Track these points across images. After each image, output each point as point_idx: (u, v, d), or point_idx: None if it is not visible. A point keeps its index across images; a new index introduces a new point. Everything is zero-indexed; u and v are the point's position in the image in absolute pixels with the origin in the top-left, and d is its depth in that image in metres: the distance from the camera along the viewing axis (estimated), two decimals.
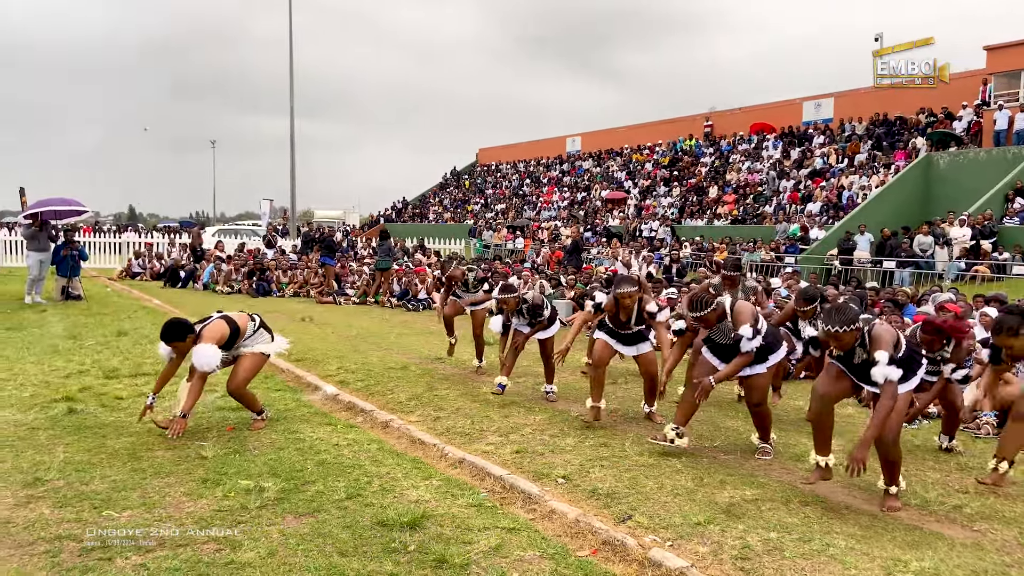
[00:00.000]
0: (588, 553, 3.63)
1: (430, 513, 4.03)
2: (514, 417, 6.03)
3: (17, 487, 4.32)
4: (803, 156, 27.04)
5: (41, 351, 8.59)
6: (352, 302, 16.23)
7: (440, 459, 5.06)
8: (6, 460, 4.78)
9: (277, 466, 4.76)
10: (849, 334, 4.08)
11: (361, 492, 4.34)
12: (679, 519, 3.94)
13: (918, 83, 23.30)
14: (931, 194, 21.09)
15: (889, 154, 23.94)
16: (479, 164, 49.22)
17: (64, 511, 3.99)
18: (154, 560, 3.43)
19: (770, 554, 3.52)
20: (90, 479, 4.47)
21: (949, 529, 3.94)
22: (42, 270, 13.90)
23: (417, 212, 45.13)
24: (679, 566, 3.36)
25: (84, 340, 9.46)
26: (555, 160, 42.16)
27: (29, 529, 3.76)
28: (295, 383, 7.41)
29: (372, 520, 3.93)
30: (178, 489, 4.34)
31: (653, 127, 37.80)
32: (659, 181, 32.33)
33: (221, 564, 3.40)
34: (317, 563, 3.42)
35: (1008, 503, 4.34)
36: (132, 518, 3.92)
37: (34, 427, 5.53)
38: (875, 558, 3.50)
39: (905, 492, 4.45)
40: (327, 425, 5.83)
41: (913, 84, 23.40)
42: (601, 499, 4.25)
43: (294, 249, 23.38)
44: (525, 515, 4.10)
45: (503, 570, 3.42)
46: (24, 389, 6.70)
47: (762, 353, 5.04)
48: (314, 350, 9.06)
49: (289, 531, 3.78)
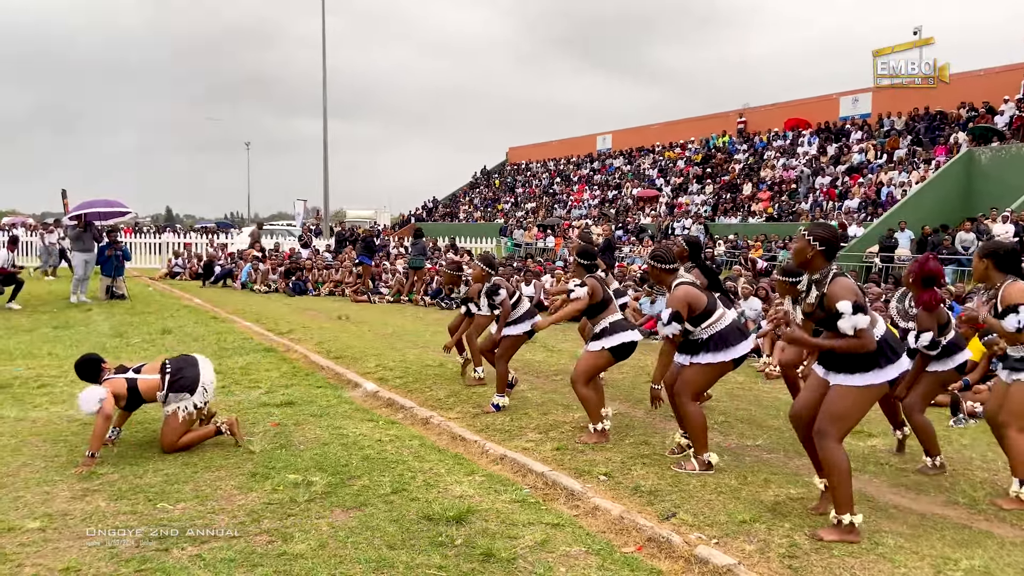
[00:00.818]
0: (633, 549, 3.65)
1: (475, 508, 4.08)
2: (553, 415, 6.06)
3: (73, 480, 4.46)
4: (840, 152, 26.66)
5: (89, 349, 8.78)
6: (386, 300, 16.38)
7: (481, 455, 5.10)
8: (61, 455, 4.93)
9: (323, 461, 4.85)
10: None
11: (406, 487, 4.40)
12: (724, 517, 3.93)
13: (918, 83, 23.28)
14: (972, 190, 20.66)
15: (929, 149, 23.49)
16: (509, 163, 49.27)
17: (119, 504, 4.11)
18: (209, 551, 3.52)
19: (818, 552, 3.51)
20: (143, 472, 4.59)
21: (998, 528, 3.88)
22: (87, 270, 14.24)
23: (448, 211, 45.31)
24: (726, 563, 3.36)
25: (130, 338, 9.69)
26: (585, 158, 42.05)
27: (86, 521, 3.87)
28: (335, 380, 7.52)
29: (418, 514, 3.99)
30: (229, 483, 4.44)
31: (685, 124, 37.52)
32: (692, 179, 32.09)
33: (274, 555, 3.48)
34: (367, 555, 3.48)
35: None
36: (186, 510, 4.02)
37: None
38: (924, 556, 3.47)
39: (953, 491, 4.40)
40: (369, 421, 5.91)
41: (913, 84, 23.34)
42: (644, 496, 4.26)
43: (328, 249, 23.64)
44: (569, 511, 4.13)
45: (550, 565, 3.45)
46: (75, 386, 6.85)
47: (692, 347, 4.72)
48: (352, 348, 9.17)
49: (338, 524, 3.85)
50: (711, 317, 4.67)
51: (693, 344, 4.71)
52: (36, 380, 7.03)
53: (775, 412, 6.35)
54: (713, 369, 4.70)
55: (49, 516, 3.91)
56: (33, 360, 7.99)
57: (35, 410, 6.03)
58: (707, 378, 4.78)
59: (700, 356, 4.67)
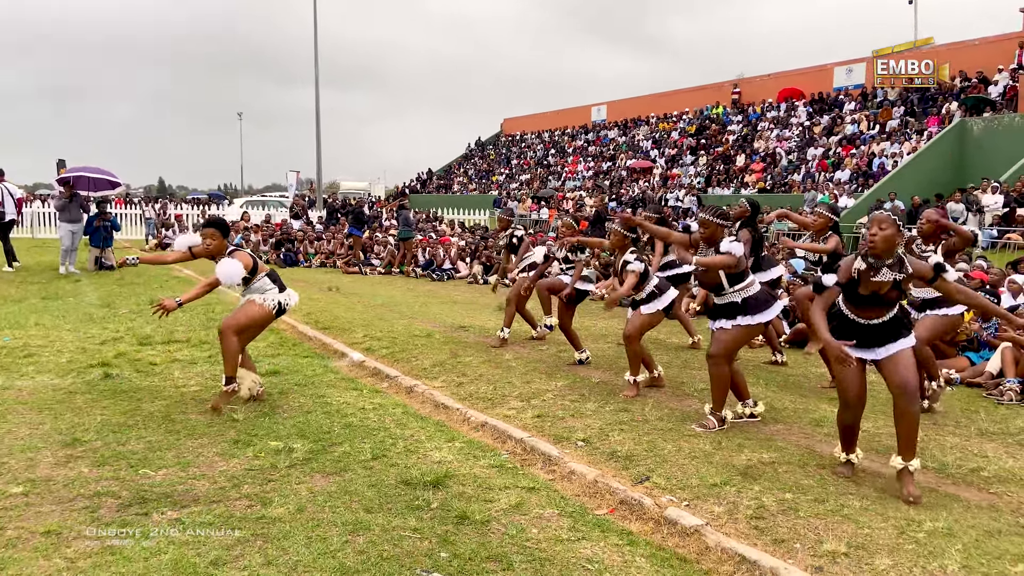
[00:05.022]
0: (606, 512, 3.73)
1: (452, 473, 4.15)
2: (535, 383, 6.13)
3: (56, 447, 4.51)
4: (833, 123, 26.58)
5: (77, 319, 8.84)
6: (378, 272, 16.39)
7: (463, 423, 5.17)
8: (45, 422, 4.98)
9: (305, 428, 4.91)
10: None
11: (386, 453, 4.47)
12: (696, 481, 4.01)
13: (917, 83, 23.59)
14: (965, 161, 20.67)
15: (922, 120, 23.46)
16: (504, 134, 49.02)
17: (102, 470, 4.16)
18: (189, 515, 3.58)
19: (784, 514, 3.59)
20: (126, 440, 4.65)
21: (965, 492, 3.97)
22: (74, 241, 14.21)
23: (442, 183, 45.16)
24: (694, 524, 3.44)
25: (118, 308, 9.71)
26: (580, 130, 41.86)
27: (69, 486, 3.93)
28: (322, 350, 7.57)
29: (396, 479, 4.06)
30: (211, 449, 4.51)
31: (680, 95, 37.31)
32: (685, 150, 32.00)
33: (253, 519, 3.55)
34: (344, 518, 3.55)
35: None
36: (167, 476, 4.08)
37: (71, 391, 5.74)
38: (889, 518, 3.55)
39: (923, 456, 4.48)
40: (353, 390, 5.98)
41: (912, 84, 23.68)
42: (620, 461, 4.33)
43: (320, 220, 23.59)
44: (545, 476, 4.20)
45: (523, 526, 3.52)
46: (61, 355, 6.92)
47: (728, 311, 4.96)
48: (341, 319, 9.21)
49: (317, 489, 3.92)
50: (744, 280, 4.92)
51: (729, 308, 4.93)
52: (23, 349, 7.06)
53: (754, 380, 6.42)
54: (750, 331, 4.98)
55: (32, 481, 3.97)
56: (20, 330, 8.01)
57: (21, 379, 6.06)
58: (742, 341, 5.05)
59: (738, 319, 4.90)
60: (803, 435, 4.87)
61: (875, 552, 3.22)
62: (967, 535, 3.40)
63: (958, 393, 6.08)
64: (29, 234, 23.41)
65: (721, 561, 3.23)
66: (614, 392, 5.87)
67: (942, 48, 26.48)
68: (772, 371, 6.81)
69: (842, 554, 3.19)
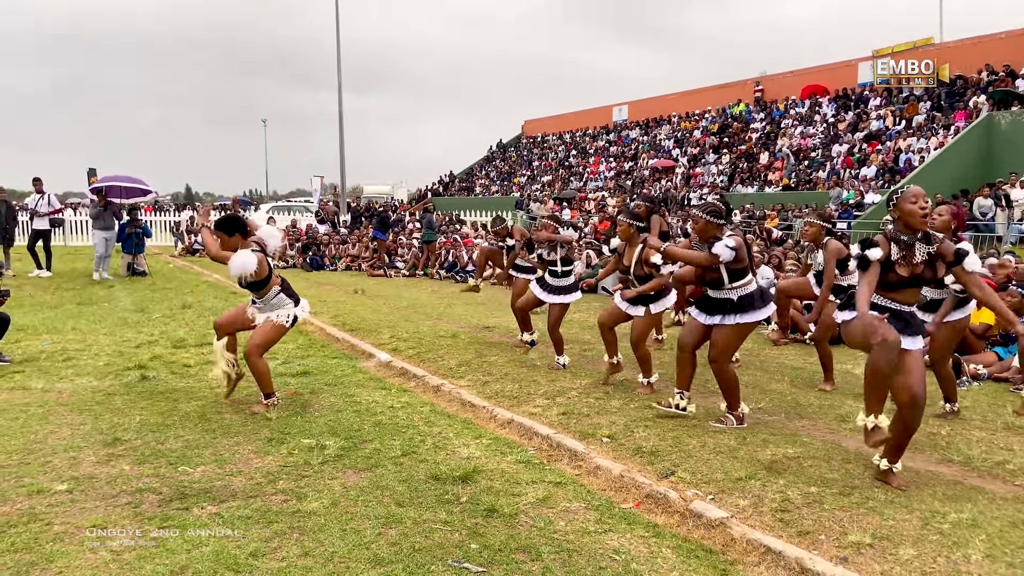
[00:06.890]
0: (632, 505, 3.79)
1: (481, 468, 4.24)
2: (560, 381, 6.20)
3: (98, 446, 4.66)
4: (858, 119, 26.33)
5: (112, 324, 9.06)
6: (402, 275, 16.56)
7: (489, 420, 5.27)
8: (87, 423, 5.15)
9: (336, 426, 5.03)
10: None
11: (415, 450, 4.57)
12: (721, 475, 4.06)
13: (917, 83, 23.37)
14: (993, 155, 20.39)
15: (949, 115, 23.16)
16: (525, 136, 49.09)
17: (143, 467, 4.31)
18: (228, 509, 3.70)
19: (809, 506, 3.63)
20: (165, 439, 4.79)
21: (991, 484, 3.98)
22: (108, 248, 14.52)
23: (464, 186, 45.34)
24: (719, 516, 3.50)
25: (151, 313, 9.94)
26: (601, 130, 41.80)
27: (111, 484, 4.07)
28: (350, 351, 7.70)
29: (426, 475, 4.16)
30: (246, 447, 4.64)
31: (702, 93, 37.10)
32: (708, 149, 31.86)
33: (288, 513, 3.66)
34: (376, 512, 3.66)
35: None
36: (205, 473, 4.21)
37: (110, 393, 5.91)
38: (914, 510, 3.58)
39: (948, 449, 4.50)
40: (382, 389, 6.09)
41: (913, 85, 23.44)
42: (645, 456, 4.40)
43: (344, 224, 23.84)
44: (571, 471, 4.28)
45: (550, 519, 3.60)
46: (99, 359, 7.12)
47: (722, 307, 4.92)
48: (367, 320, 9.35)
49: (349, 484, 4.03)
50: (744, 278, 4.90)
51: (723, 304, 4.90)
52: (61, 353, 7.27)
53: (779, 377, 6.45)
54: (745, 329, 4.93)
55: (76, 479, 4.12)
56: (58, 335, 8.24)
57: (60, 381, 6.26)
58: (739, 338, 5.00)
59: (732, 317, 4.87)
60: (828, 431, 4.90)
61: (899, 543, 3.25)
62: (991, 526, 3.43)
63: (985, 388, 6.06)
64: (62, 242, 23.90)
65: (746, 552, 3.28)
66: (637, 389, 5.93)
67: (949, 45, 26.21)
68: (798, 368, 6.82)
69: (867, 545, 3.24)
